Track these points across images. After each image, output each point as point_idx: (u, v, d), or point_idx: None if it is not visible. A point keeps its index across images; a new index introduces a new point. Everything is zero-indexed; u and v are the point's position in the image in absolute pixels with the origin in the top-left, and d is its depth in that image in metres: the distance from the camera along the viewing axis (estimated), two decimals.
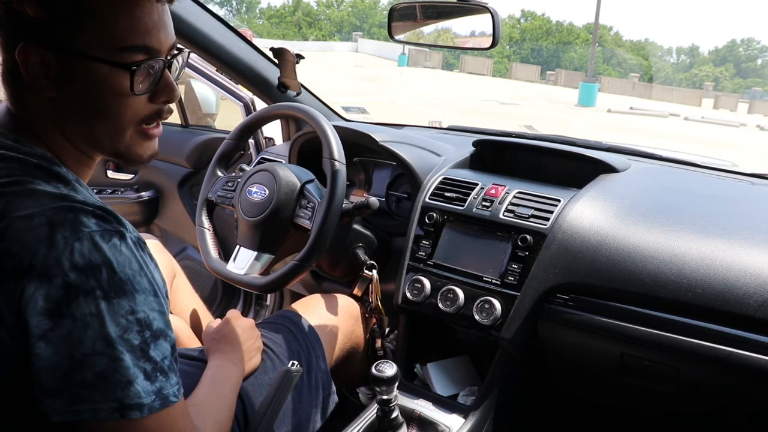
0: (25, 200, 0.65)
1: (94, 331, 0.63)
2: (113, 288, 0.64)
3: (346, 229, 1.38)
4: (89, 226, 0.64)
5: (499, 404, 1.22)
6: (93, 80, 0.70)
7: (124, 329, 0.64)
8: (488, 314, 1.21)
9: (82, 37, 0.68)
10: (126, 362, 0.64)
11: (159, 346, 0.68)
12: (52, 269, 0.62)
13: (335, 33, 57.66)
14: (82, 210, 0.65)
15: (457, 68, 35.42)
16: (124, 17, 0.69)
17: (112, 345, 0.63)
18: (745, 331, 1.01)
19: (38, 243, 0.62)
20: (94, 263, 0.63)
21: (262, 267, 1.29)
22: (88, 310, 0.62)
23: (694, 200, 1.31)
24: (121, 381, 0.64)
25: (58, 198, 0.66)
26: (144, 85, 0.72)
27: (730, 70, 61.32)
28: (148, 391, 0.66)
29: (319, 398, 1.14)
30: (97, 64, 0.69)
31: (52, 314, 0.62)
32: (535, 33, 53.48)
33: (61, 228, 0.63)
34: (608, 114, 18.38)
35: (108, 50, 0.69)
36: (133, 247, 0.68)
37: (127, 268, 0.66)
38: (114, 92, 0.71)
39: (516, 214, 1.26)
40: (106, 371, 0.63)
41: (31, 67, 0.68)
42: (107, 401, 0.64)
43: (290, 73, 1.59)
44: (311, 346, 1.19)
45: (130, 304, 0.65)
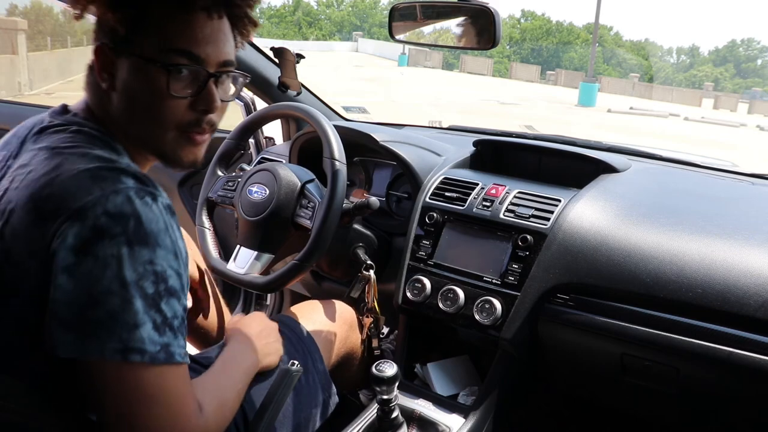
0: (77, 159, 0.73)
1: (112, 272, 0.67)
2: (137, 237, 0.69)
3: (346, 229, 1.38)
4: (127, 184, 0.71)
5: (499, 404, 1.22)
6: (140, 78, 0.77)
7: (141, 276, 0.68)
8: (488, 314, 1.21)
9: (138, 40, 0.76)
10: (137, 306, 0.68)
11: (171, 303, 0.72)
12: (87, 212, 0.68)
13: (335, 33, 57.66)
14: (123, 171, 0.73)
15: (458, 68, 35.43)
16: (177, 24, 0.77)
17: (126, 287, 0.67)
18: (745, 331, 1.01)
19: (79, 190, 0.69)
20: (124, 213, 0.69)
21: (263, 267, 1.28)
22: (110, 252, 0.67)
23: (695, 200, 1.31)
24: (129, 323, 0.68)
25: (106, 161, 0.74)
26: (184, 90, 0.78)
27: (730, 70, 61.34)
28: (154, 340, 0.69)
29: (319, 399, 1.14)
30: (145, 64, 0.76)
31: (78, 251, 0.67)
32: (535, 33, 53.48)
33: (102, 181, 0.70)
34: (608, 114, 18.39)
35: (156, 51, 0.76)
36: (163, 209, 0.73)
37: (153, 223, 0.70)
38: (154, 91, 0.77)
39: (516, 214, 1.26)
40: (116, 312, 0.67)
41: (102, 63, 0.79)
42: (113, 341, 0.67)
43: (290, 72, 1.59)
44: (308, 350, 1.19)
45: (150, 255, 0.69)
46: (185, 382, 0.74)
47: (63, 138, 0.77)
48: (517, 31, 54.50)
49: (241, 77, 0.87)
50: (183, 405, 0.73)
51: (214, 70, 0.80)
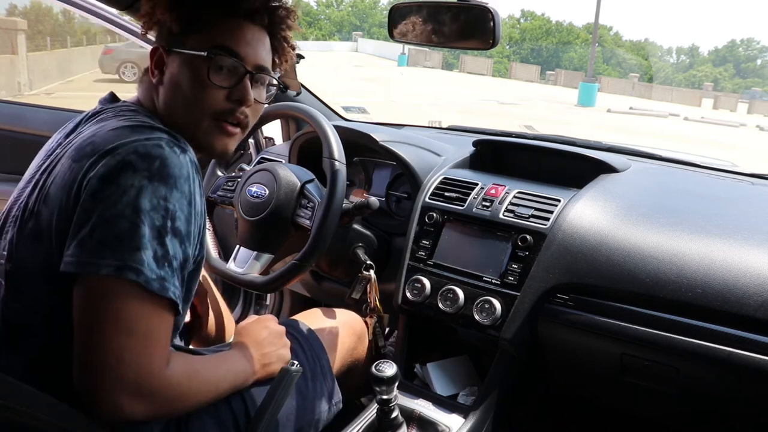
0: (116, 121, 0.83)
1: (129, 198, 0.73)
2: (159, 175, 0.75)
3: (346, 229, 1.38)
4: (160, 135, 0.79)
5: (499, 404, 1.22)
6: (185, 70, 0.88)
7: (153, 207, 0.74)
8: (488, 314, 1.21)
9: (189, 37, 0.88)
10: (143, 231, 0.73)
11: (174, 242, 0.77)
12: (119, 149, 0.76)
13: (335, 33, 57.66)
14: (160, 129, 0.81)
15: (457, 68, 35.42)
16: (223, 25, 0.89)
17: (137, 214, 0.73)
18: (744, 331, 1.01)
19: (116, 137, 0.78)
20: (152, 154, 0.76)
21: (262, 266, 1.29)
22: (131, 182, 0.74)
23: (694, 200, 1.31)
24: (131, 245, 0.73)
25: (145, 122, 0.83)
26: (222, 81, 0.89)
27: (730, 70, 61.34)
28: (152, 268, 0.74)
29: (324, 407, 1.14)
30: (191, 57, 0.87)
31: (104, 179, 0.75)
32: (535, 33, 53.48)
33: (138, 132, 0.79)
34: (608, 114, 18.39)
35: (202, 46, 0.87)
36: (189, 162, 0.80)
37: (177, 168, 0.77)
38: (196, 80, 0.88)
39: (516, 214, 1.26)
40: (123, 234, 0.73)
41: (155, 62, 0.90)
42: (114, 260, 0.72)
43: (290, 72, 1.59)
44: (316, 355, 1.18)
45: (166, 192, 0.76)
46: (164, 325, 0.77)
47: (112, 113, 0.88)
48: (517, 31, 54.51)
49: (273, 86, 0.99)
50: (153, 346, 0.75)
51: (251, 69, 0.91)
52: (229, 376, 0.94)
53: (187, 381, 0.81)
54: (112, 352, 0.72)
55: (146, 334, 0.74)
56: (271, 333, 1.08)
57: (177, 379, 0.79)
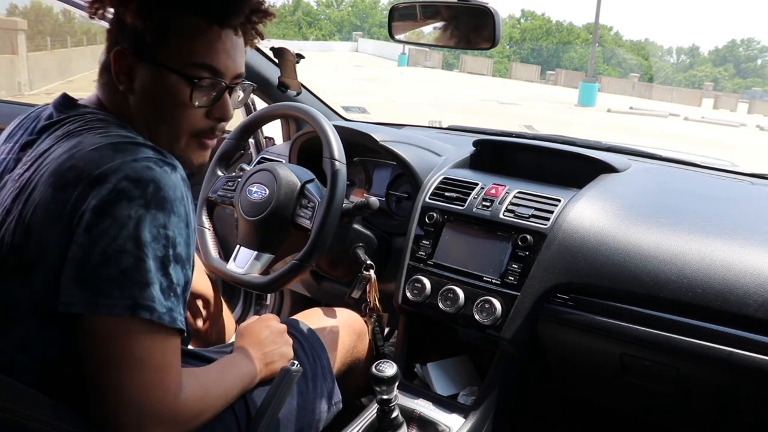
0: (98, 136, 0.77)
1: (128, 232, 0.70)
2: (155, 201, 0.72)
3: (346, 229, 1.38)
4: (147, 154, 0.75)
5: (499, 404, 1.22)
6: (161, 86, 0.82)
7: (154, 238, 0.72)
8: (488, 314, 1.21)
9: (163, 49, 0.81)
10: (148, 265, 0.71)
11: (177, 269, 0.75)
12: (108, 176, 0.71)
13: (335, 33, 57.65)
14: (144, 145, 0.77)
15: (457, 68, 35.42)
16: (204, 38, 0.82)
17: (140, 247, 0.71)
18: (745, 331, 1.01)
19: (100, 159, 0.73)
20: (144, 178, 0.72)
21: (262, 267, 1.28)
22: (128, 213, 0.70)
23: (694, 200, 1.31)
24: (140, 281, 0.71)
25: (125, 136, 0.78)
26: (203, 100, 0.84)
27: (730, 70, 61.31)
28: (161, 302, 0.72)
29: (323, 407, 1.14)
30: (167, 73, 0.81)
31: (98, 212, 0.70)
32: (535, 33, 53.46)
33: (123, 151, 0.74)
34: (608, 114, 18.39)
35: (180, 63, 0.81)
36: (181, 180, 0.77)
37: (171, 190, 0.74)
38: (176, 100, 0.83)
39: (516, 213, 1.26)
40: (129, 269, 0.70)
41: (120, 66, 0.82)
42: (124, 298, 0.70)
43: (290, 72, 1.59)
44: (316, 355, 1.18)
45: (165, 219, 0.73)
46: (175, 353, 0.76)
47: (80, 124, 0.81)
48: (517, 31, 54.49)
49: (249, 86, 0.94)
50: (166, 376, 0.75)
51: (229, 82, 0.86)
52: (237, 381, 0.95)
53: (201, 400, 0.83)
54: (130, 388, 0.72)
55: (161, 366, 0.74)
56: (273, 332, 1.08)
57: (192, 401, 0.80)
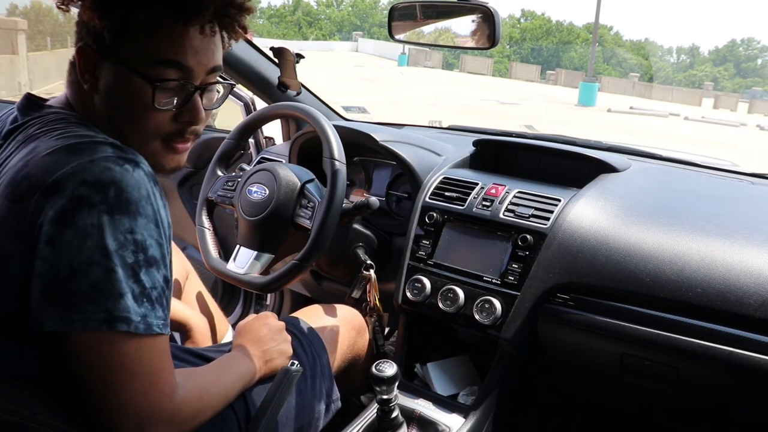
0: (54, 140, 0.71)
1: (93, 242, 0.66)
2: (117, 205, 0.67)
3: (346, 229, 1.38)
4: (105, 152, 0.70)
5: (499, 404, 1.22)
6: (124, 87, 0.77)
7: (121, 245, 0.68)
8: (488, 314, 1.21)
9: (124, 46, 0.75)
10: (119, 275, 0.67)
11: (150, 273, 0.71)
12: (65, 183, 0.66)
13: (335, 32, 57.65)
14: (101, 142, 0.71)
15: (457, 68, 35.42)
16: (168, 34, 0.75)
17: (108, 257, 0.67)
18: (745, 330, 1.01)
19: (55, 165, 0.68)
20: (103, 181, 0.67)
21: (262, 267, 1.28)
22: (90, 221, 0.66)
23: (695, 200, 1.31)
24: (112, 293, 0.67)
25: (82, 136, 0.72)
26: (168, 102, 0.78)
27: (730, 69, 61.30)
28: (135, 310, 0.69)
29: (322, 405, 1.14)
30: (131, 73, 0.76)
31: (58, 223, 0.66)
32: (535, 33, 53.45)
33: (78, 154, 0.69)
34: (608, 114, 18.39)
35: (143, 62, 0.75)
36: (144, 176, 0.71)
37: (134, 191, 0.69)
38: (139, 102, 0.77)
39: (516, 213, 1.26)
40: (100, 282, 0.67)
41: (85, 64, 0.77)
42: (99, 311, 0.67)
43: (290, 72, 1.59)
44: (316, 353, 1.18)
45: (130, 223, 0.68)
46: (163, 356, 0.74)
47: (39, 126, 0.76)
48: (517, 31, 54.48)
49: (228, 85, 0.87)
50: (158, 380, 0.73)
51: (201, 80, 0.80)
52: (236, 380, 0.94)
53: (199, 400, 0.82)
54: (123, 397, 0.71)
55: (150, 371, 0.72)
56: (271, 329, 1.08)
57: (189, 401, 0.79)
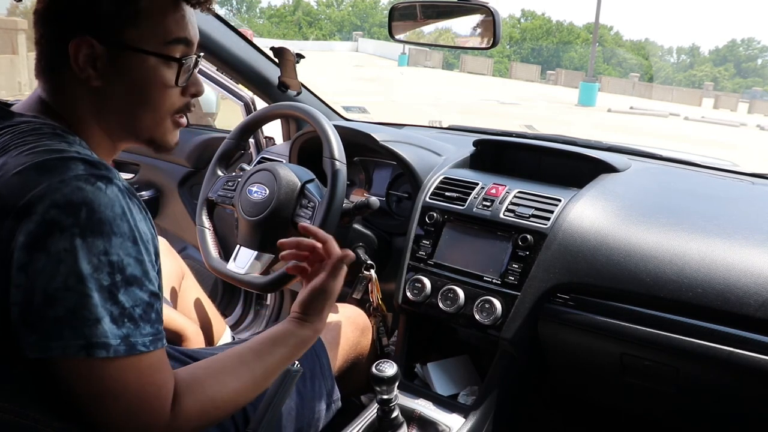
0: (23, 155, 0.68)
1: (67, 267, 0.64)
2: (90, 227, 0.65)
3: (346, 229, 1.38)
4: (75, 170, 0.67)
5: (499, 404, 1.22)
6: (141, 72, 0.76)
7: (96, 268, 0.65)
8: (488, 314, 1.21)
9: (132, 31, 0.74)
10: (94, 300, 0.65)
11: (130, 292, 0.68)
12: (34, 207, 0.64)
13: (335, 32, 57.66)
14: (72, 159, 0.68)
15: (458, 68, 35.42)
16: (171, 14, 0.76)
17: (82, 282, 0.65)
18: (745, 330, 1.01)
19: (23, 186, 0.65)
20: (74, 202, 0.65)
21: (263, 266, 1.29)
22: (63, 246, 0.64)
23: (695, 200, 1.31)
24: (89, 319, 0.65)
25: (53, 151, 0.69)
26: (183, 77, 0.79)
27: (730, 69, 61.28)
28: (114, 333, 0.67)
29: (323, 405, 1.14)
30: (145, 57, 0.75)
31: (30, 248, 0.64)
32: (535, 33, 53.45)
33: (48, 173, 0.66)
34: (608, 114, 18.38)
35: (157, 44, 0.76)
36: (118, 193, 0.69)
37: (108, 210, 0.66)
38: (160, 83, 0.77)
39: (516, 213, 1.26)
40: (76, 308, 0.65)
41: (81, 59, 0.73)
42: (77, 338, 0.65)
43: (290, 72, 1.59)
44: (317, 354, 1.18)
45: (105, 244, 0.66)
46: (153, 371, 0.71)
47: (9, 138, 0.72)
48: (517, 31, 54.48)
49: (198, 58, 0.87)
50: (148, 397, 0.70)
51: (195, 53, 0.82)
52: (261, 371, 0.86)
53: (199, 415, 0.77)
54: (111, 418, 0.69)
55: (137, 389, 0.70)
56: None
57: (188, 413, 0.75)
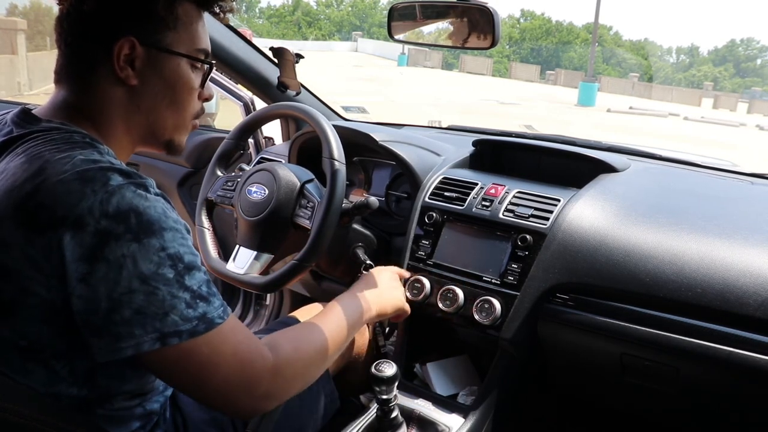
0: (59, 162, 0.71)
1: (129, 272, 0.68)
2: (142, 229, 0.69)
3: (345, 229, 1.38)
4: (117, 180, 0.71)
5: (498, 404, 1.22)
6: (173, 73, 0.82)
7: (158, 265, 0.69)
8: (488, 314, 1.21)
9: (169, 35, 0.81)
10: (162, 295, 0.69)
11: (193, 275, 0.73)
12: (85, 218, 0.67)
13: (335, 33, 57.67)
14: (110, 169, 0.72)
15: (457, 68, 35.44)
16: (197, 24, 0.84)
17: (147, 282, 0.68)
18: (744, 330, 1.01)
19: (70, 196, 0.68)
20: (122, 210, 0.69)
21: (262, 267, 1.28)
22: (121, 253, 0.67)
23: (694, 200, 1.31)
24: (158, 313, 0.69)
25: (90, 162, 0.72)
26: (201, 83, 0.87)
27: (730, 69, 61.33)
28: (188, 317, 0.71)
29: (321, 405, 1.14)
30: (178, 59, 0.82)
31: (88, 259, 0.67)
32: (534, 33, 53.45)
33: (91, 183, 0.69)
34: (608, 114, 18.39)
35: (188, 49, 0.83)
36: (155, 195, 0.74)
37: (152, 210, 0.71)
38: (188, 85, 0.84)
39: (516, 213, 1.26)
40: (143, 306, 0.68)
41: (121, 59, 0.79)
42: (149, 333, 0.69)
43: (290, 72, 1.59)
44: None
45: (159, 241, 0.70)
46: (235, 333, 0.77)
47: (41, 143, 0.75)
48: (517, 31, 54.48)
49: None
50: (243, 353, 0.76)
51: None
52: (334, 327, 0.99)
53: (295, 353, 0.85)
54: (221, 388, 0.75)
55: (232, 352, 0.75)
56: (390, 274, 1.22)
57: (286, 359, 0.83)
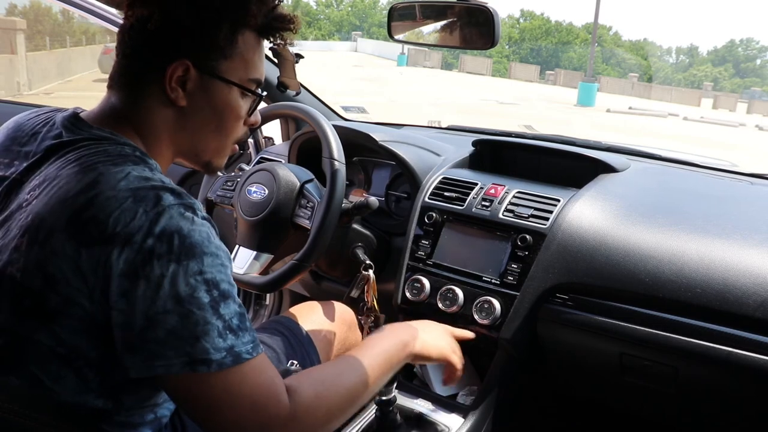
0: (113, 176, 0.72)
1: (165, 292, 0.68)
2: (183, 251, 0.70)
3: (345, 229, 1.38)
4: (168, 200, 0.72)
5: (498, 404, 1.22)
6: (223, 100, 0.83)
7: (194, 289, 0.70)
8: (488, 314, 1.21)
9: (224, 63, 0.82)
10: (196, 319, 0.70)
11: (228, 305, 0.73)
12: (133, 236, 0.68)
13: (334, 33, 57.67)
14: (162, 188, 0.73)
15: (457, 68, 35.44)
16: (254, 53, 0.85)
17: (181, 303, 0.69)
18: (744, 330, 1.01)
19: (122, 214, 0.69)
20: (167, 231, 0.70)
21: (262, 266, 1.28)
22: (160, 272, 0.68)
23: (694, 200, 1.31)
24: (191, 337, 0.69)
25: (143, 179, 0.73)
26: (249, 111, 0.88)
27: (729, 70, 61.35)
28: (218, 347, 0.70)
29: None
30: (230, 88, 0.83)
31: (130, 276, 0.68)
32: (534, 33, 53.46)
33: (143, 202, 0.70)
34: (607, 114, 18.39)
35: (241, 78, 0.83)
36: (204, 220, 0.75)
37: (197, 234, 0.72)
38: (235, 114, 0.85)
39: (515, 213, 1.26)
40: (177, 328, 0.69)
41: (174, 79, 0.80)
42: (179, 356, 0.69)
43: (290, 72, 1.58)
44: (306, 352, 1.19)
45: (198, 265, 0.71)
46: (260, 373, 0.75)
47: (93, 153, 0.75)
48: (516, 31, 54.49)
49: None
50: (262, 398, 0.74)
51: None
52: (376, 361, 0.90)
53: (316, 400, 0.80)
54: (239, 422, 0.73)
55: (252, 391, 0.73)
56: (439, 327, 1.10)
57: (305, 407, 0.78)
